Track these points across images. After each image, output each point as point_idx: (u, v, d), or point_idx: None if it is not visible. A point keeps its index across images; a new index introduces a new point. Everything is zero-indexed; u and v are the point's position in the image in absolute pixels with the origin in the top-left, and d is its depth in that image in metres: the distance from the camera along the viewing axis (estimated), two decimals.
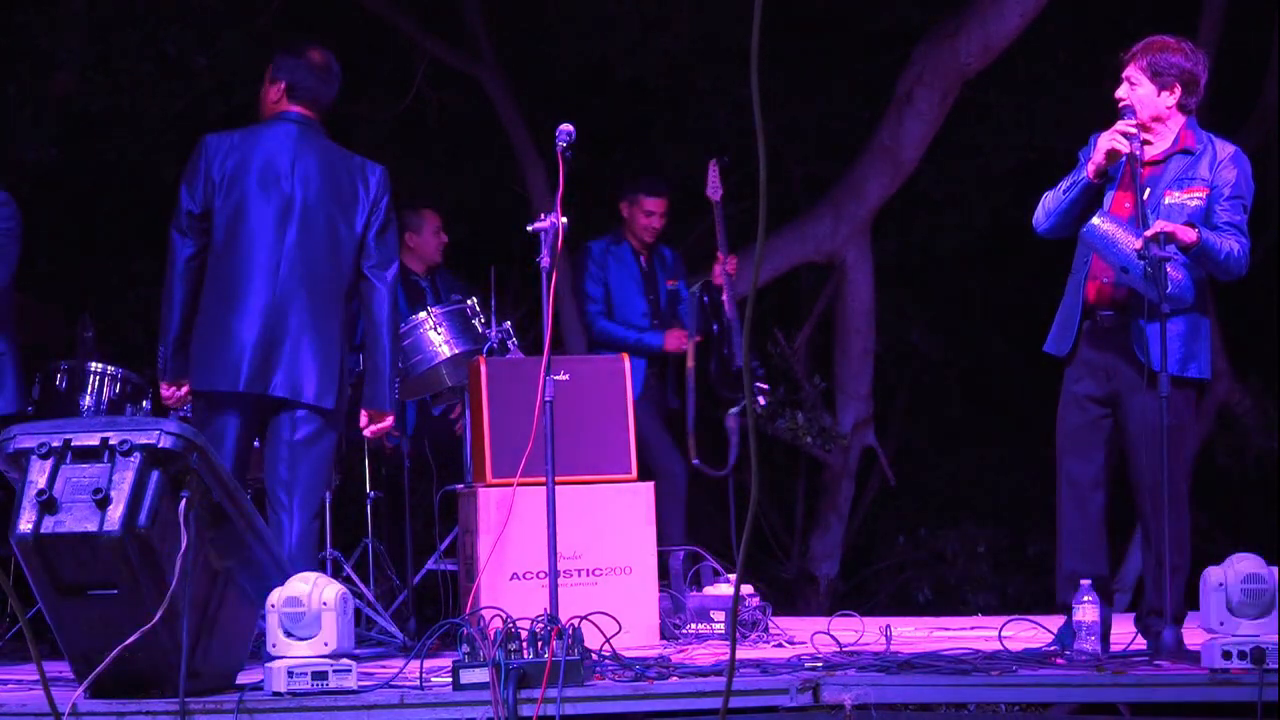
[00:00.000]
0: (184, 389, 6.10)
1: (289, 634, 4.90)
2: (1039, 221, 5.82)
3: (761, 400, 8.38)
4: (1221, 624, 5.04)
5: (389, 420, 6.18)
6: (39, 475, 4.78)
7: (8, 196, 6.58)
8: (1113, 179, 5.73)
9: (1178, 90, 5.73)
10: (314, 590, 4.91)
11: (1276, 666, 4.89)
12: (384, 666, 5.60)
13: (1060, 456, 5.87)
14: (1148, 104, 5.73)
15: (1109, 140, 5.62)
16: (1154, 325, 5.49)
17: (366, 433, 6.20)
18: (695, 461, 7.98)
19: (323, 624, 4.89)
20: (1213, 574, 5.08)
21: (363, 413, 6.17)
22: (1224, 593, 5.04)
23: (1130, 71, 5.75)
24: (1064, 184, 5.76)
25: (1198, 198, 5.69)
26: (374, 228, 6.13)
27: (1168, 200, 5.70)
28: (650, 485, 6.86)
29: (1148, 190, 5.67)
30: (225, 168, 6.03)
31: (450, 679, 4.93)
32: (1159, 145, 5.75)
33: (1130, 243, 5.52)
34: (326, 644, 4.89)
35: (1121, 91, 5.74)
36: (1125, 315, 5.67)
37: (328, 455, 6.12)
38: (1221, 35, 10.37)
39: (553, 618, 5.12)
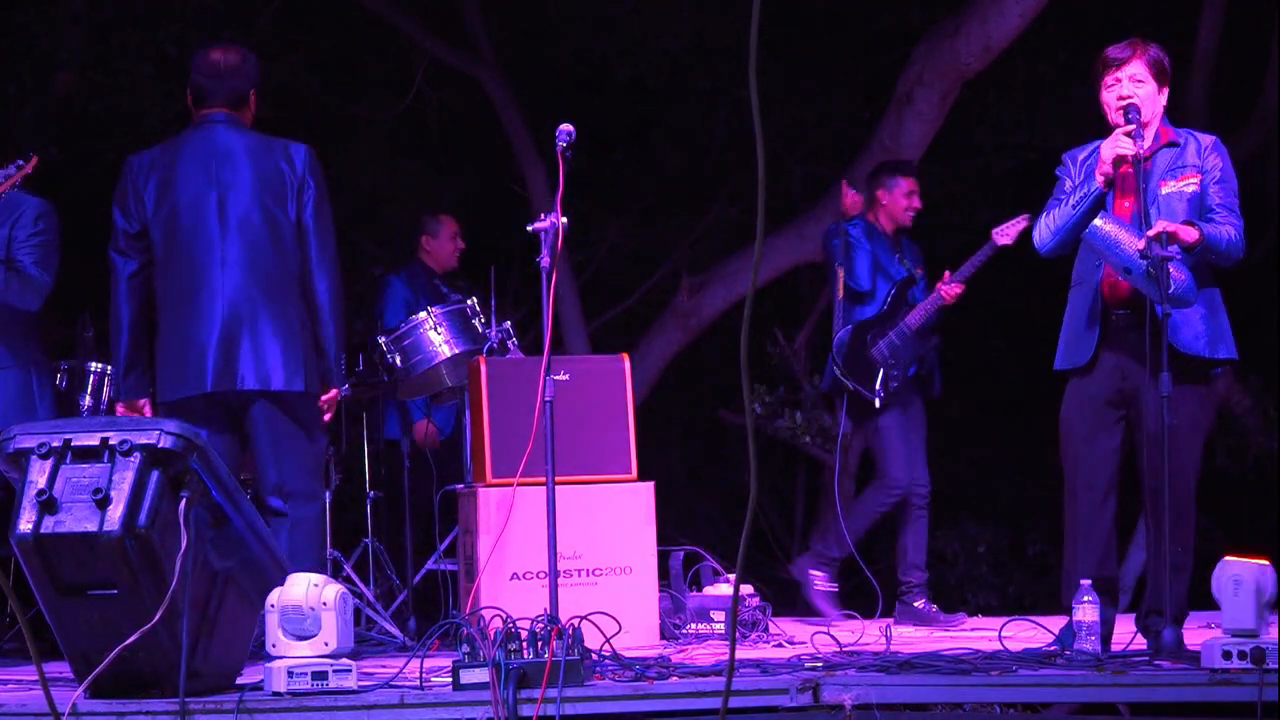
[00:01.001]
0: (143, 406, 6.13)
1: (289, 634, 4.90)
2: (1044, 242, 5.79)
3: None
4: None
5: (334, 393, 6.21)
6: (39, 475, 4.78)
7: (50, 207, 6.60)
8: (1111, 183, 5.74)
9: (1167, 90, 5.80)
10: (314, 590, 4.91)
11: (1276, 666, 4.89)
12: (384, 666, 5.59)
13: (1074, 461, 5.81)
14: (1151, 102, 5.75)
15: (1113, 149, 5.61)
16: (1177, 311, 5.49)
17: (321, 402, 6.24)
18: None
19: (323, 624, 4.89)
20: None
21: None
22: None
23: (1135, 70, 5.75)
24: (1070, 199, 5.72)
25: (1192, 183, 5.73)
26: (307, 207, 6.14)
27: (1164, 190, 5.72)
28: (650, 485, 6.85)
29: (1141, 187, 5.68)
30: (151, 181, 6.09)
31: (450, 679, 4.93)
32: (1144, 143, 5.76)
33: (1133, 243, 5.52)
34: (327, 644, 4.89)
35: (1127, 89, 5.74)
36: (1137, 314, 5.66)
37: (311, 439, 6.14)
38: (1221, 35, 10.37)
39: (553, 618, 5.12)
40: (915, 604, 7.70)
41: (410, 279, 8.49)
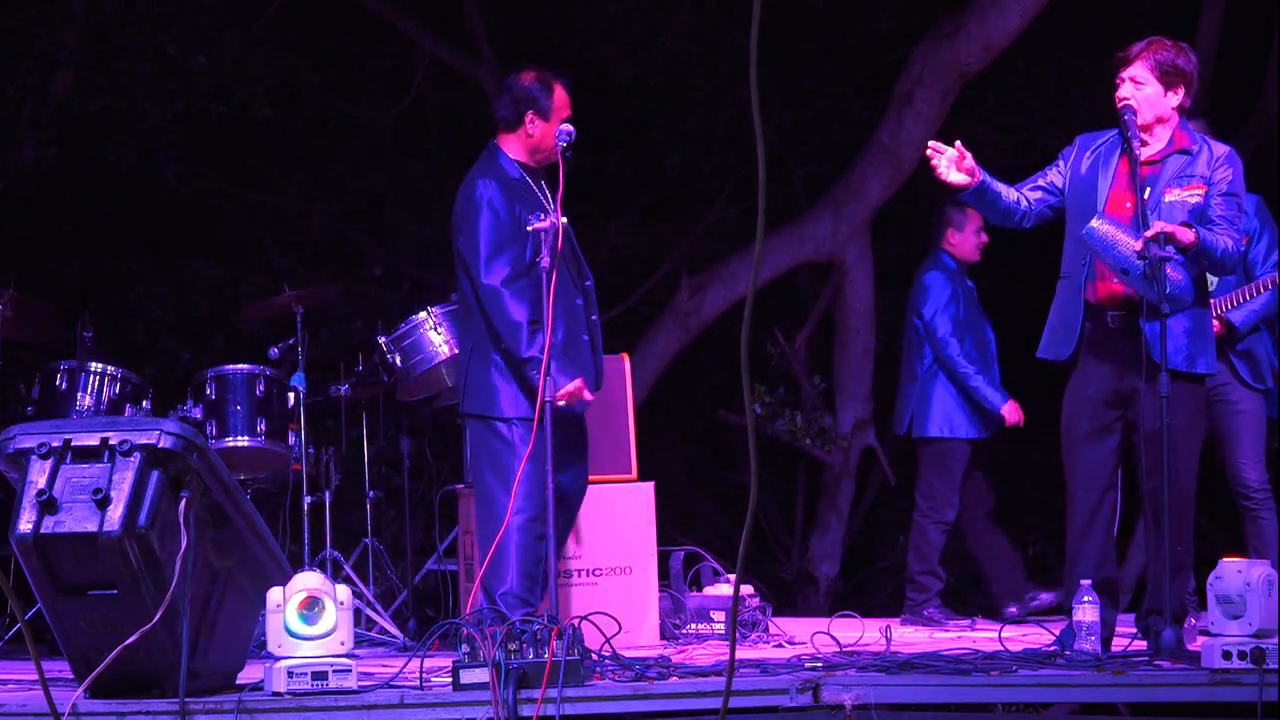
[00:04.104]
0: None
1: (304, 623, 4.87)
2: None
3: None
4: (1212, 624, 5.06)
5: (564, 391, 5.89)
6: (39, 475, 4.78)
7: None
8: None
9: (1181, 91, 5.75)
10: (330, 588, 4.91)
11: (1276, 666, 4.89)
12: (384, 666, 5.59)
13: (1072, 463, 5.81)
14: (1154, 104, 5.73)
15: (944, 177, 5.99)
16: (1155, 325, 5.49)
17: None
18: None
19: (338, 623, 4.88)
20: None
21: None
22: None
23: (1135, 71, 5.75)
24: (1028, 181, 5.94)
25: (1197, 195, 5.72)
26: (459, 235, 6.11)
27: (1168, 198, 5.72)
28: (650, 485, 6.84)
29: (1147, 190, 5.68)
30: None
31: (450, 679, 4.93)
32: (1155, 145, 5.76)
33: (1130, 244, 5.53)
34: (343, 643, 4.89)
35: (1125, 91, 5.74)
36: (1132, 315, 5.67)
37: (493, 457, 6.04)
38: (1221, 35, 10.37)
39: (553, 618, 5.12)
40: None
41: (945, 272, 8.33)
